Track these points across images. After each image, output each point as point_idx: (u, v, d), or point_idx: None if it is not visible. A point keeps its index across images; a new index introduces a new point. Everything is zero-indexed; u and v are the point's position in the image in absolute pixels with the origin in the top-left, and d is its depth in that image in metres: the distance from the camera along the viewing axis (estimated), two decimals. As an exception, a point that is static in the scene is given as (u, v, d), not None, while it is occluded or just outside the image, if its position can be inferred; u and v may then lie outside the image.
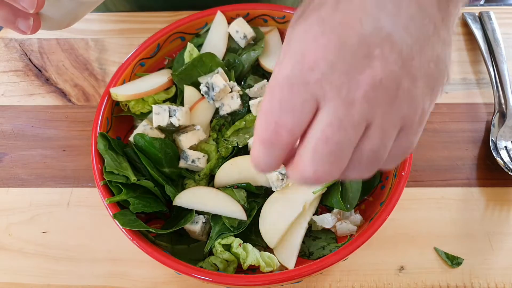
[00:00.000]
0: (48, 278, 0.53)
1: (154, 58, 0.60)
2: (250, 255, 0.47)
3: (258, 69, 0.61)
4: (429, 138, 0.60)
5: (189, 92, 0.56)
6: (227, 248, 0.49)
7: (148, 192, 0.51)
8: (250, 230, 0.51)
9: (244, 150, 0.54)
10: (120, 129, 0.57)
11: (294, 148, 0.31)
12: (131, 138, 0.54)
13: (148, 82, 0.57)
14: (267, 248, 0.50)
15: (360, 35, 0.28)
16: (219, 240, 0.49)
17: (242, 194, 0.51)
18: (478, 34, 0.68)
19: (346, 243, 0.45)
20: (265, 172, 0.32)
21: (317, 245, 0.50)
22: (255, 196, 0.53)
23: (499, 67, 0.63)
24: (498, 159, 0.56)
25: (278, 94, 0.29)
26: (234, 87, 0.55)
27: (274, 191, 0.51)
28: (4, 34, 0.73)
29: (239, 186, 0.52)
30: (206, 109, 0.56)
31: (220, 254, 0.48)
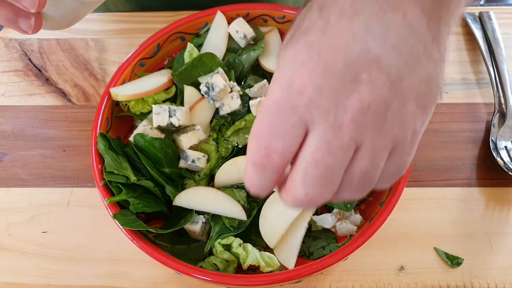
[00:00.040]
0: (48, 278, 0.53)
1: (154, 58, 0.60)
2: (250, 255, 0.47)
3: (258, 69, 0.61)
4: (429, 138, 0.60)
5: (189, 92, 0.56)
6: (227, 248, 0.49)
7: (148, 192, 0.51)
8: (250, 230, 0.51)
9: (244, 150, 0.54)
10: (120, 129, 0.57)
11: (287, 171, 0.31)
12: (131, 138, 0.54)
13: (148, 82, 0.57)
14: (267, 248, 0.49)
15: (346, 60, 0.28)
16: (219, 240, 0.49)
17: (242, 194, 0.51)
18: (478, 34, 0.68)
19: (346, 243, 0.45)
20: (259, 194, 0.33)
21: (317, 245, 0.50)
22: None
23: (499, 67, 0.63)
24: (498, 159, 0.56)
25: (268, 119, 0.30)
26: (234, 87, 0.55)
27: (274, 191, 0.51)
28: (4, 34, 0.73)
29: (239, 186, 0.52)
30: (206, 109, 0.56)
31: (220, 254, 0.48)
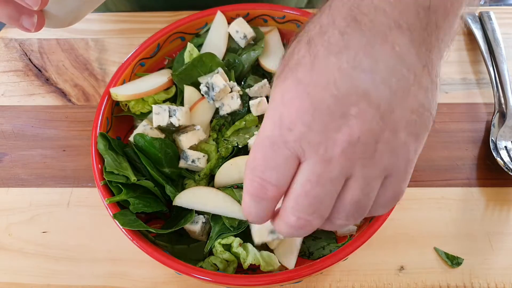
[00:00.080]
0: (48, 278, 0.53)
1: (154, 58, 0.60)
2: (250, 254, 0.47)
3: (258, 69, 0.61)
4: (429, 138, 0.59)
5: (189, 92, 0.56)
6: (227, 248, 0.49)
7: (148, 192, 0.51)
8: (250, 230, 0.51)
9: (244, 150, 0.54)
10: (120, 129, 0.57)
11: (281, 201, 0.32)
12: (131, 138, 0.54)
13: (148, 82, 0.57)
14: (268, 248, 0.49)
15: (335, 96, 0.29)
16: (219, 240, 0.49)
17: (242, 194, 0.51)
18: (478, 34, 0.68)
19: (346, 243, 0.45)
20: (257, 223, 0.34)
21: (317, 245, 0.50)
22: (255, 196, 0.53)
23: (499, 67, 0.63)
24: (498, 159, 0.56)
25: (261, 153, 0.31)
26: (234, 87, 0.55)
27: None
28: (4, 34, 0.73)
29: (239, 186, 0.52)
30: (206, 109, 0.56)
31: (220, 254, 0.48)
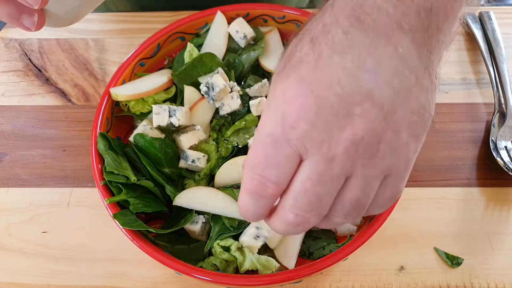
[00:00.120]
0: (48, 278, 0.53)
1: (154, 58, 0.60)
2: (247, 260, 0.47)
3: (258, 69, 0.61)
4: (429, 138, 0.59)
5: (189, 92, 0.56)
6: (226, 248, 0.49)
7: (148, 192, 0.51)
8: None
9: (244, 150, 0.54)
10: (120, 129, 0.57)
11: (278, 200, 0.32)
12: (131, 138, 0.54)
13: (148, 82, 0.57)
14: (267, 248, 0.49)
15: (339, 95, 0.29)
16: (218, 241, 0.49)
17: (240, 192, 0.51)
18: (478, 34, 0.68)
19: (346, 243, 0.45)
20: (253, 221, 0.34)
21: (317, 245, 0.50)
22: (255, 196, 0.53)
23: (499, 67, 0.63)
24: (498, 159, 0.56)
25: (262, 150, 0.31)
26: (234, 87, 0.55)
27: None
28: (4, 34, 0.73)
29: (239, 186, 0.52)
30: (206, 109, 0.56)
31: (219, 255, 0.48)
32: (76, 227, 0.56)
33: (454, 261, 0.52)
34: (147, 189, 0.51)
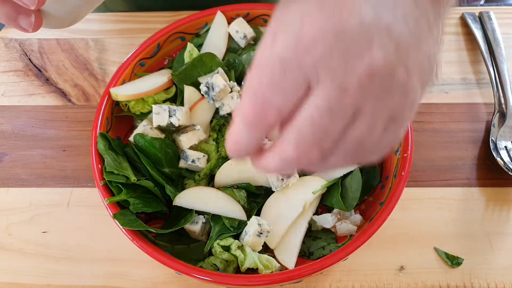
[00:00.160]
0: (48, 278, 0.53)
1: (154, 58, 0.60)
2: (248, 258, 0.47)
3: (258, 69, 0.61)
4: (429, 138, 0.60)
5: (189, 92, 0.56)
6: (226, 248, 0.49)
7: (148, 192, 0.51)
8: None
9: (244, 150, 0.54)
10: (120, 129, 0.57)
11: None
12: (131, 138, 0.54)
13: (148, 82, 0.57)
14: (268, 248, 0.50)
15: (360, 22, 0.27)
16: (218, 241, 0.49)
17: (242, 194, 0.51)
18: (478, 34, 0.68)
19: (346, 243, 0.45)
20: (240, 156, 0.31)
21: (317, 245, 0.50)
22: (255, 196, 0.53)
23: (499, 67, 0.63)
24: (498, 159, 0.56)
25: (269, 72, 0.28)
26: (234, 87, 0.55)
27: (274, 191, 0.51)
28: (4, 34, 0.73)
29: (239, 186, 0.52)
30: (206, 109, 0.56)
31: (219, 255, 0.48)
32: (76, 227, 0.56)
33: (454, 261, 0.52)
34: (147, 189, 0.51)
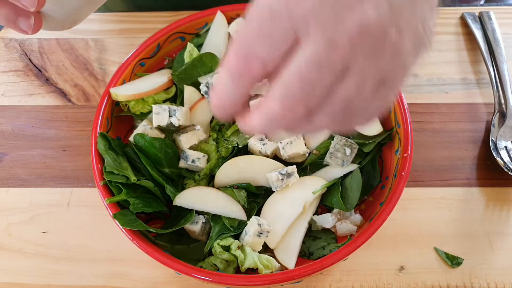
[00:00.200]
0: (48, 278, 0.53)
1: (154, 58, 0.60)
2: (248, 258, 0.47)
3: (258, 69, 0.61)
4: (429, 138, 0.60)
5: (189, 92, 0.56)
6: (226, 248, 0.49)
7: (148, 192, 0.51)
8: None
9: (244, 150, 0.54)
10: (120, 129, 0.57)
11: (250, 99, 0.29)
12: (131, 138, 0.54)
13: (148, 82, 0.57)
14: (268, 248, 0.49)
15: None
16: (218, 241, 0.49)
17: (242, 194, 0.51)
18: (478, 34, 0.68)
19: (346, 243, 0.45)
20: (225, 114, 0.31)
21: (317, 245, 0.50)
22: (255, 196, 0.53)
23: (499, 67, 0.63)
24: (498, 159, 0.56)
25: (257, 22, 0.28)
26: (234, 87, 0.55)
27: (274, 191, 0.51)
28: (4, 34, 0.73)
29: (239, 186, 0.52)
30: (206, 109, 0.56)
31: (219, 255, 0.48)
32: (76, 227, 0.56)
33: (454, 261, 0.52)
34: (147, 189, 0.51)
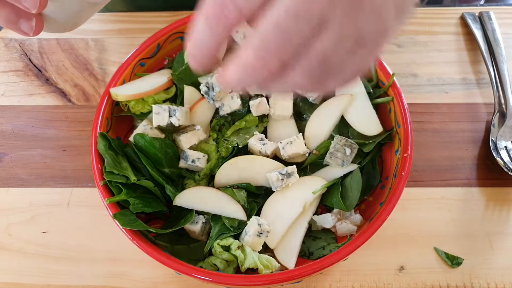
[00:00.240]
0: (48, 278, 0.53)
1: (154, 58, 0.60)
2: (248, 258, 0.47)
3: (258, 69, 0.61)
4: (429, 138, 0.60)
5: (189, 92, 0.56)
6: (226, 248, 0.49)
7: (148, 192, 0.51)
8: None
9: (244, 150, 0.54)
10: (120, 129, 0.57)
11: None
12: (131, 138, 0.54)
13: (148, 82, 0.57)
14: (268, 248, 0.49)
15: None
16: (218, 241, 0.49)
17: (242, 194, 0.51)
18: (478, 34, 0.68)
19: (346, 243, 0.45)
20: (202, 63, 0.31)
21: (317, 245, 0.50)
22: (255, 196, 0.53)
23: (499, 67, 0.63)
24: (498, 159, 0.56)
25: None
26: (234, 87, 0.55)
27: (274, 191, 0.51)
28: (4, 34, 0.73)
29: (239, 186, 0.52)
30: (206, 109, 0.56)
31: (219, 255, 0.48)
32: (76, 227, 0.56)
33: (454, 261, 0.52)
34: (147, 189, 0.51)
